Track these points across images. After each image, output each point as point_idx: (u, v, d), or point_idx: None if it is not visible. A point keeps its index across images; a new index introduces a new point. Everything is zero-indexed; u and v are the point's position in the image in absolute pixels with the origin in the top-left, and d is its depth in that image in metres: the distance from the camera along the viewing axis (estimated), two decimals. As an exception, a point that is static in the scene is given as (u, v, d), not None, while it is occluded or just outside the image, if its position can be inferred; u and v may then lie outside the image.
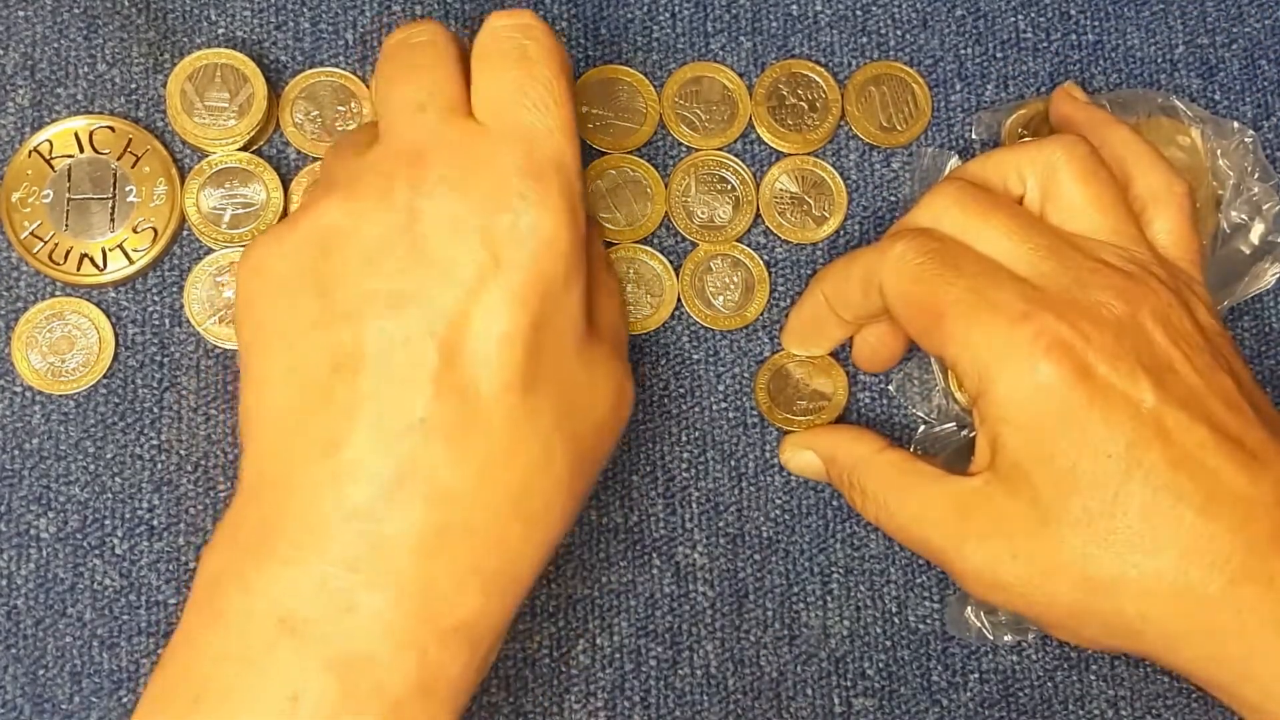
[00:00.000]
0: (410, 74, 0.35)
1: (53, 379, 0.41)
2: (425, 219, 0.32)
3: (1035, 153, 0.38)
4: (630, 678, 0.41)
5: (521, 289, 0.32)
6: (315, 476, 0.31)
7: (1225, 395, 0.35)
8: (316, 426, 0.31)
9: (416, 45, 0.35)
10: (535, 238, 0.32)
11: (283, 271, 0.33)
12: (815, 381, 0.43)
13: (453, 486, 0.31)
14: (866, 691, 0.42)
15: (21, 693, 0.40)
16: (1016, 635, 0.41)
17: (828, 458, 0.40)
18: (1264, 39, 0.47)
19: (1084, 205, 0.37)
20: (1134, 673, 0.42)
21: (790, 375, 0.43)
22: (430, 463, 0.31)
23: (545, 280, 0.32)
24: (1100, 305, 0.35)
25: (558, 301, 0.33)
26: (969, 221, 0.37)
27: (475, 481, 0.31)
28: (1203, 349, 0.35)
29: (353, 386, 0.31)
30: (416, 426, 0.31)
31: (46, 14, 0.44)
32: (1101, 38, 0.46)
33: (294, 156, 0.44)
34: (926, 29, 0.46)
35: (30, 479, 0.41)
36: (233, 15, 0.44)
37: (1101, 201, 0.37)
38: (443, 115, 0.34)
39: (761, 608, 0.42)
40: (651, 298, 0.43)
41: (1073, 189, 0.37)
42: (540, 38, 0.35)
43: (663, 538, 0.42)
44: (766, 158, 0.44)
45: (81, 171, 0.42)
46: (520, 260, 0.32)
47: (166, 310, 0.42)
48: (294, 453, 0.32)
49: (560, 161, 0.33)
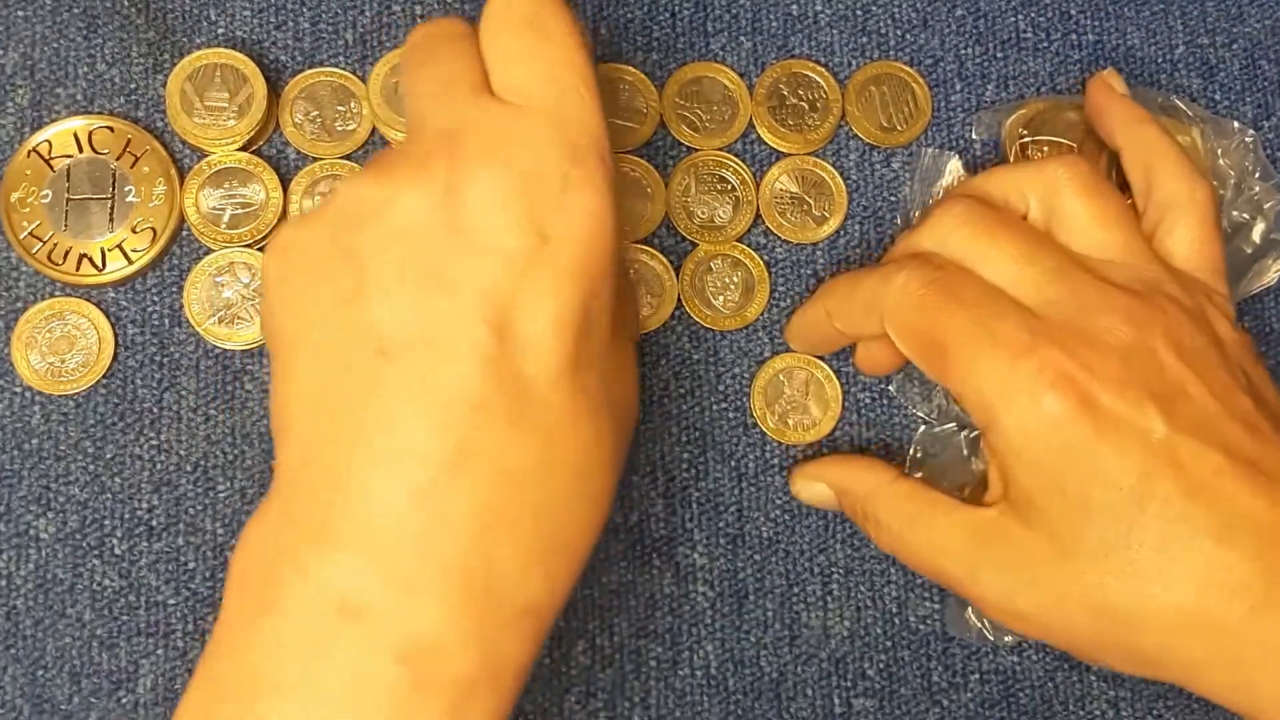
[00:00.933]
0: (434, 61, 0.34)
1: (52, 379, 0.41)
2: (465, 195, 0.31)
3: (1036, 172, 0.38)
4: (630, 678, 0.41)
5: (572, 268, 0.31)
6: (369, 459, 0.30)
7: (1243, 416, 0.34)
8: (365, 408, 0.30)
9: (438, 35, 0.35)
10: (584, 216, 0.31)
11: (313, 248, 0.32)
12: (809, 402, 0.43)
13: (515, 466, 0.30)
14: (867, 692, 0.42)
15: (21, 693, 0.40)
16: (1017, 636, 0.41)
17: (840, 489, 0.40)
18: (1264, 39, 0.47)
19: (1089, 222, 0.37)
20: (1134, 673, 0.42)
21: (783, 390, 0.43)
22: (491, 443, 0.30)
23: (594, 260, 0.31)
24: (1107, 331, 0.34)
25: (603, 283, 0.32)
26: (977, 243, 0.36)
27: (537, 461, 0.30)
28: (1218, 367, 0.35)
29: (402, 367, 0.30)
30: (475, 406, 0.30)
31: (46, 14, 0.44)
32: (1101, 38, 0.46)
33: (294, 157, 0.44)
34: (926, 29, 0.46)
35: (30, 479, 0.41)
36: (233, 15, 0.44)
37: (1106, 217, 0.37)
38: (471, 97, 0.33)
39: (761, 608, 0.42)
40: (652, 298, 0.43)
41: (1076, 206, 0.37)
42: (556, 10, 0.33)
43: (663, 538, 0.42)
44: (766, 158, 0.44)
45: (80, 172, 0.42)
46: (570, 238, 0.31)
47: (166, 310, 0.42)
48: (343, 436, 0.30)
49: (597, 138, 0.32)
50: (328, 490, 0.30)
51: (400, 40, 0.45)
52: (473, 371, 0.30)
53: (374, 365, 0.30)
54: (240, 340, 0.42)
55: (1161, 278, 0.36)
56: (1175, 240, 0.38)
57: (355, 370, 0.30)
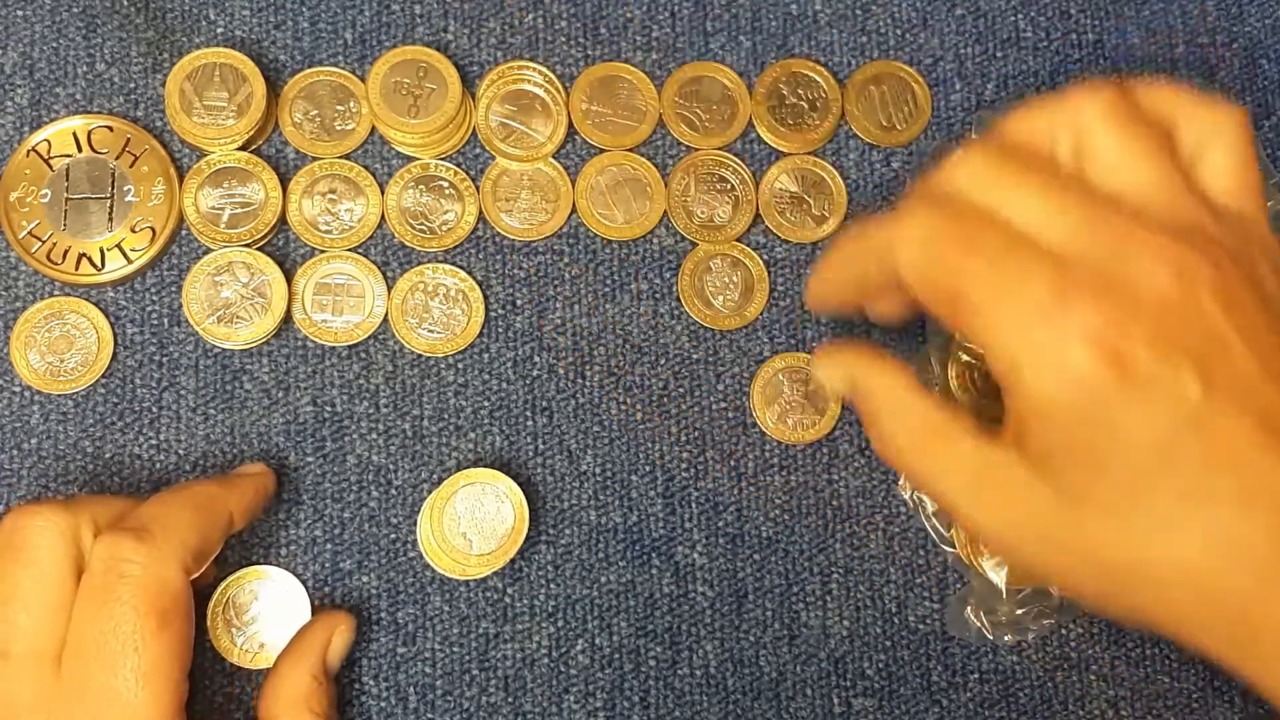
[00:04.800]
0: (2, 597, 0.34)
1: (51, 379, 0.41)
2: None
3: (1060, 105, 0.35)
4: (630, 678, 0.41)
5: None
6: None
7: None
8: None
9: (10, 549, 0.35)
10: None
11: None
12: (805, 405, 0.43)
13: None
14: (866, 691, 0.42)
15: (19, 693, 0.40)
16: (1016, 635, 0.41)
17: (854, 385, 0.37)
18: (1264, 39, 0.47)
19: (1122, 156, 0.33)
20: (1134, 673, 0.42)
21: (782, 390, 0.43)
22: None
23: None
24: (1144, 279, 0.31)
25: None
26: (999, 186, 0.33)
27: None
28: (1262, 321, 0.32)
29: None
30: None
31: (45, 14, 0.44)
32: (1101, 37, 0.46)
33: (293, 156, 0.44)
34: (926, 28, 0.46)
35: (29, 479, 0.41)
36: (232, 15, 0.44)
37: (1140, 151, 0.33)
38: (22, 665, 0.33)
39: (761, 608, 0.42)
40: (547, 204, 0.43)
41: (1107, 140, 0.34)
42: (139, 573, 0.34)
43: (662, 538, 0.42)
44: (766, 157, 0.44)
45: (80, 171, 0.42)
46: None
47: (165, 310, 0.42)
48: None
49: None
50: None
51: (399, 40, 0.45)
52: None
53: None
54: (239, 340, 0.42)
55: (1203, 218, 0.33)
56: (1210, 167, 0.34)
57: None
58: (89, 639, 0.33)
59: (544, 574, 0.42)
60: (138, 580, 0.34)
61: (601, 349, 0.43)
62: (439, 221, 0.43)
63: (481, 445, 0.42)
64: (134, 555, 0.34)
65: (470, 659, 0.41)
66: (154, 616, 0.34)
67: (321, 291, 0.43)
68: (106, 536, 0.34)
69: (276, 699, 0.37)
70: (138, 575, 0.34)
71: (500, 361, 0.43)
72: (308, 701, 0.37)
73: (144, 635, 0.33)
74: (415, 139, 0.43)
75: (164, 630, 0.34)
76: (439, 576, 0.41)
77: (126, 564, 0.34)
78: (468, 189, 0.44)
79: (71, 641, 0.34)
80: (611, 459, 0.42)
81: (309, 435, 0.42)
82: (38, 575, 0.34)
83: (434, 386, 0.43)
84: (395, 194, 0.43)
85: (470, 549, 0.40)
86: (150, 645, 0.33)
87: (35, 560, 0.34)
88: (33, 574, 0.34)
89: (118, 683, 0.33)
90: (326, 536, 0.41)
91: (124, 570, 0.34)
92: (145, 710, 0.33)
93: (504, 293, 0.43)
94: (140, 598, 0.34)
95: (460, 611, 0.41)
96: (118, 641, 0.33)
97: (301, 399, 0.42)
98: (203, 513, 0.37)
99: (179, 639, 0.34)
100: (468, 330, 0.43)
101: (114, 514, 0.36)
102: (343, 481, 0.42)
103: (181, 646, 0.34)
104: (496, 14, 0.45)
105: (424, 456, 0.42)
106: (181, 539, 0.35)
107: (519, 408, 0.43)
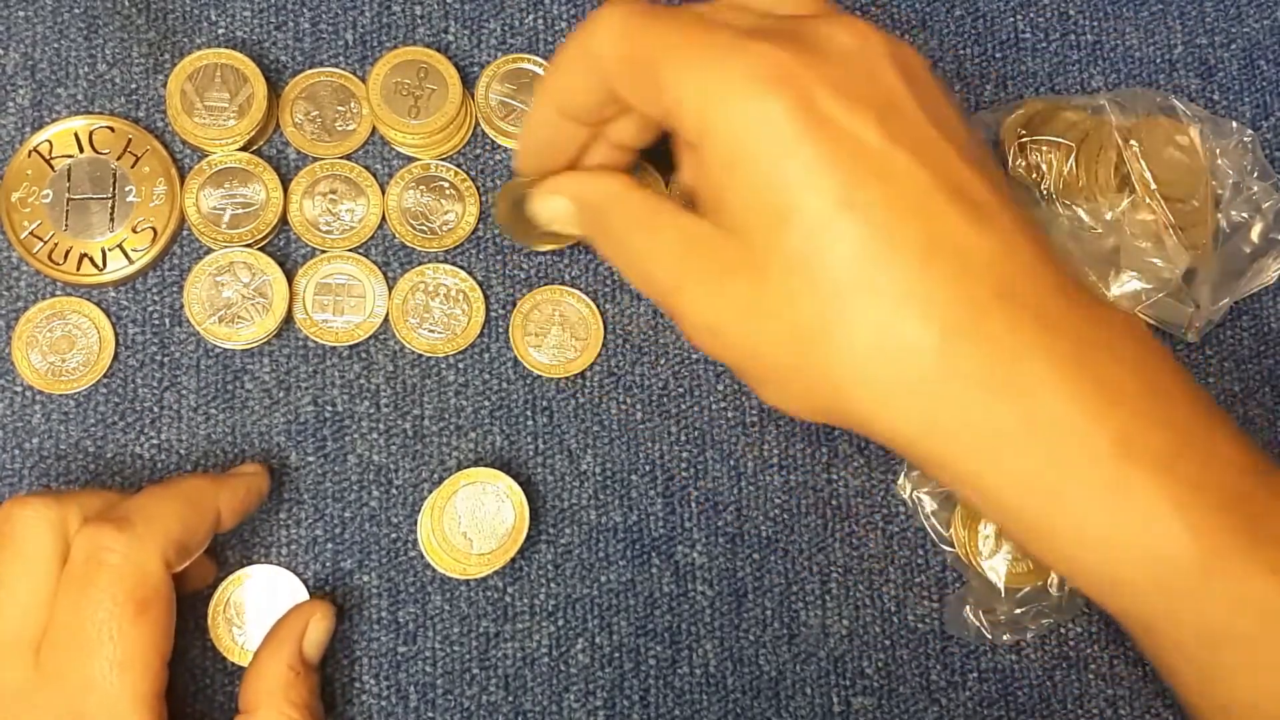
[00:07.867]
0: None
1: (53, 378, 0.42)
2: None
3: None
4: (630, 677, 0.41)
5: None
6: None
7: (959, 144, 0.32)
8: None
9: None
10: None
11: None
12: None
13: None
14: (865, 690, 0.42)
15: (21, 692, 0.40)
16: (1015, 635, 0.41)
17: (579, 201, 0.37)
18: (1263, 39, 0.47)
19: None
20: (1133, 672, 0.42)
21: None
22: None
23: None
24: (828, 39, 0.32)
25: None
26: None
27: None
28: (939, 97, 0.33)
29: None
30: None
31: (47, 14, 0.44)
32: (1101, 38, 0.46)
33: (294, 156, 0.44)
34: (926, 29, 0.46)
35: (30, 479, 0.41)
36: (233, 15, 0.44)
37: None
38: (4, 652, 0.34)
39: (760, 607, 0.42)
40: (576, 340, 0.43)
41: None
42: (118, 561, 0.34)
43: (662, 538, 0.42)
44: (766, 157, 0.44)
45: (81, 171, 0.42)
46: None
47: (166, 310, 0.43)
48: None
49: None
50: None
51: (399, 41, 0.45)
52: None
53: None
54: (240, 340, 0.42)
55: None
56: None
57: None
58: (67, 627, 0.34)
59: (544, 573, 0.42)
60: (116, 569, 0.34)
61: (602, 349, 0.43)
62: (439, 222, 0.43)
63: (482, 445, 0.42)
64: (114, 544, 0.34)
65: (470, 658, 0.41)
66: (131, 605, 0.34)
67: (322, 291, 0.43)
68: (88, 526, 0.34)
69: (254, 691, 0.37)
70: (116, 564, 0.34)
71: (500, 361, 0.43)
72: (285, 693, 0.37)
73: (120, 624, 0.33)
74: (416, 139, 0.43)
75: (141, 619, 0.34)
76: (439, 576, 0.41)
77: (106, 553, 0.34)
78: (468, 189, 0.44)
79: (51, 629, 0.34)
80: (611, 459, 0.43)
81: (310, 435, 0.42)
82: (24, 565, 0.34)
83: (434, 386, 0.43)
84: (396, 194, 0.43)
85: (471, 548, 0.40)
86: (127, 633, 0.33)
87: (22, 550, 0.34)
88: (19, 563, 0.34)
89: (94, 671, 0.33)
90: (327, 536, 0.42)
91: (103, 559, 0.34)
92: (121, 698, 0.33)
93: (504, 293, 0.43)
94: (118, 586, 0.34)
95: (460, 610, 0.41)
96: (94, 629, 0.33)
97: (302, 399, 0.42)
98: (189, 505, 0.37)
99: (157, 628, 0.34)
100: (468, 330, 0.43)
101: (103, 506, 0.36)
102: (343, 481, 0.42)
103: (160, 635, 0.34)
104: (497, 15, 0.45)
105: (424, 456, 0.42)
106: (164, 530, 0.35)
107: (519, 408, 0.43)
